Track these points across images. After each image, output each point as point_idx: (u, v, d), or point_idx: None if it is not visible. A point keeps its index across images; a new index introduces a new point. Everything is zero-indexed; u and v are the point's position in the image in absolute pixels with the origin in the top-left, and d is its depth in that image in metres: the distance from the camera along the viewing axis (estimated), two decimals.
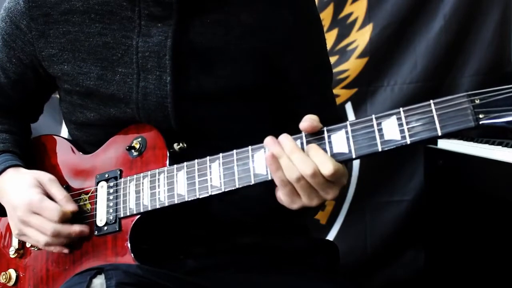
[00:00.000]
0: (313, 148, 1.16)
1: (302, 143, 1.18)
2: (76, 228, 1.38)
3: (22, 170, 1.46)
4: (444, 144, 2.18)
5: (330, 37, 2.62)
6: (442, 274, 2.40)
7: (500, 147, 1.87)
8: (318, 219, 2.73)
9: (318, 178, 1.14)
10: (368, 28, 2.62)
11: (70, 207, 1.39)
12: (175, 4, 1.37)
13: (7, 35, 1.49)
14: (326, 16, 2.62)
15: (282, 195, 1.20)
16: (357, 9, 2.63)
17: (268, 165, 1.17)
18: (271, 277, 1.42)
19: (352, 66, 2.63)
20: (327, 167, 1.12)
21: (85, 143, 1.52)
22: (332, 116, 1.54)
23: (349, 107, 2.65)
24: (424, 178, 2.52)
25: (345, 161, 1.16)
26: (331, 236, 2.73)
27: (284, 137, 1.18)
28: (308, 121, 1.17)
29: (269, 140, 1.18)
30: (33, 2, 1.44)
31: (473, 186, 2.12)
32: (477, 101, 1.05)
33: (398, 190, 2.68)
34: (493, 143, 1.92)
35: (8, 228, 1.54)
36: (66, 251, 1.41)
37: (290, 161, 1.15)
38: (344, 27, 2.65)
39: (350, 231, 2.72)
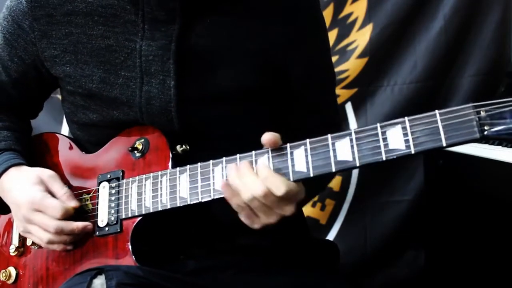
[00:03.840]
0: (262, 169, 1.20)
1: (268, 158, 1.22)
2: (79, 224, 1.38)
3: (25, 168, 1.46)
4: None
5: (330, 37, 2.60)
6: (442, 273, 2.40)
7: (500, 147, 1.87)
8: (318, 219, 2.73)
9: (270, 197, 1.18)
10: (368, 28, 2.62)
11: (72, 203, 1.39)
12: (179, 8, 1.37)
13: (9, 34, 1.49)
14: (326, 16, 2.61)
15: (242, 218, 1.25)
16: (357, 9, 2.63)
17: (224, 193, 1.23)
18: (271, 278, 1.43)
19: (352, 66, 2.64)
20: (280, 189, 1.17)
21: (87, 142, 1.51)
22: (329, 120, 1.56)
23: (349, 107, 2.66)
24: (424, 178, 2.52)
25: (325, 174, 1.18)
26: (331, 236, 2.73)
27: (242, 164, 1.22)
28: (269, 136, 1.20)
29: (229, 169, 1.23)
30: (36, 2, 1.44)
31: (473, 186, 2.13)
32: (483, 113, 1.04)
33: (398, 190, 2.68)
34: (493, 143, 1.92)
35: (8, 226, 1.54)
36: (69, 247, 1.40)
37: (243, 185, 1.19)
38: (344, 27, 2.65)
39: (350, 231, 2.72)
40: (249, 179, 1.19)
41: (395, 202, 2.68)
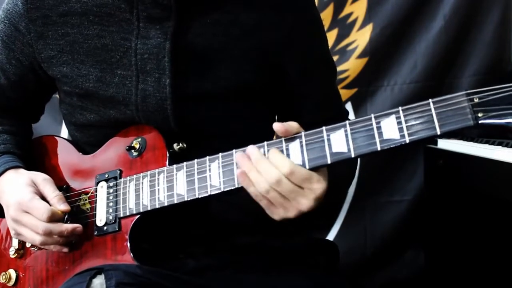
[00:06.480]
0: (272, 152, 1.20)
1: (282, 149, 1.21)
2: (68, 226, 1.37)
3: (21, 171, 1.47)
4: (444, 144, 2.18)
5: (330, 37, 2.62)
6: (442, 273, 2.39)
7: (500, 147, 1.86)
8: None
9: (284, 184, 1.17)
10: (368, 28, 2.62)
11: (61, 207, 1.39)
12: (174, 5, 1.37)
13: (6, 37, 1.50)
14: (326, 16, 2.62)
15: (263, 208, 1.23)
16: (357, 9, 2.63)
17: (241, 183, 1.22)
18: (271, 277, 1.42)
19: (352, 66, 2.63)
20: (284, 167, 1.17)
21: (85, 144, 1.52)
22: (336, 114, 1.55)
23: (349, 107, 2.65)
24: (424, 178, 2.51)
25: (321, 166, 1.17)
26: (331, 236, 2.72)
27: (251, 148, 1.22)
28: (281, 126, 1.20)
29: (238, 156, 1.22)
30: (32, 4, 1.44)
31: (473, 186, 2.12)
32: (476, 100, 1.05)
33: (398, 190, 2.68)
34: (493, 143, 1.92)
35: (8, 228, 1.53)
36: (65, 250, 1.41)
37: (258, 173, 1.19)
38: (344, 27, 2.65)
39: (350, 231, 2.72)
40: (263, 165, 1.19)
41: (395, 202, 2.68)
